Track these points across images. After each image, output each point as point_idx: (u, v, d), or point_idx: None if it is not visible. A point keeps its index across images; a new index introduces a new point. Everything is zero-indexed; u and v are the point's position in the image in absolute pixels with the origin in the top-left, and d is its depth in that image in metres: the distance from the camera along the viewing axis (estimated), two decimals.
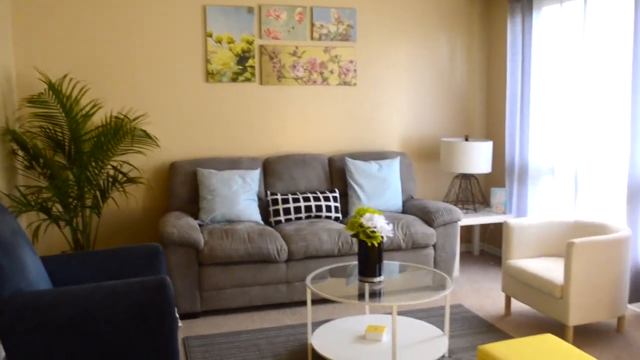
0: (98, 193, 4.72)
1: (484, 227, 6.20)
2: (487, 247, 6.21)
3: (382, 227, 3.55)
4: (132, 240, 5.18)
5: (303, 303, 4.70)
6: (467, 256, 6.06)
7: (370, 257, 3.62)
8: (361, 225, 3.57)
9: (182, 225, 4.38)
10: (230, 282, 4.41)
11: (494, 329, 4.17)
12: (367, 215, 3.58)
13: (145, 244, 3.73)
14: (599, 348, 3.88)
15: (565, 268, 3.83)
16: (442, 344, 3.65)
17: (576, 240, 3.78)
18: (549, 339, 2.99)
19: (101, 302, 2.91)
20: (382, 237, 3.56)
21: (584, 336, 4.07)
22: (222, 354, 3.81)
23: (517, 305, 4.66)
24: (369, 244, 3.57)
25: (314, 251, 4.54)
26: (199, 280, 4.36)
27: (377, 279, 3.64)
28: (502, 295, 4.87)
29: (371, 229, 3.53)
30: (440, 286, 3.64)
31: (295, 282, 4.57)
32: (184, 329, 4.22)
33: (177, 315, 3.22)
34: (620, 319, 4.11)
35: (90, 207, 4.70)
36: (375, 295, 3.55)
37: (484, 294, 4.93)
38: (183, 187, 4.97)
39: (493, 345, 2.90)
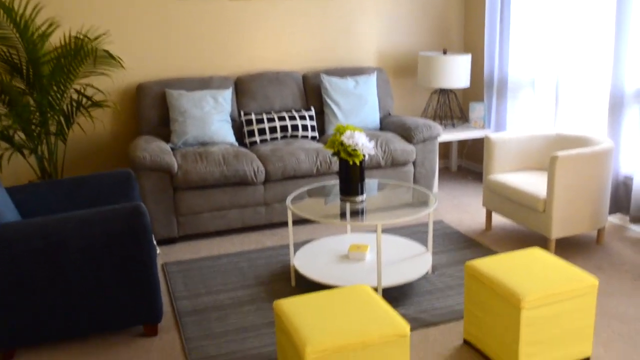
0: (62, 119, 4.49)
1: (462, 143, 6.13)
2: (465, 163, 6.16)
3: (364, 144, 3.42)
4: (101, 167, 4.99)
5: (282, 224, 4.63)
6: (445, 172, 6.01)
7: (351, 176, 3.51)
8: (342, 144, 3.43)
9: (153, 149, 4.19)
10: (207, 205, 4.29)
11: (476, 244, 4.16)
12: (348, 132, 3.44)
13: (116, 170, 3.57)
14: (580, 259, 3.90)
15: (548, 181, 3.78)
16: (426, 260, 3.62)
17: (559, 154, 3.72)
18: (536, 252, 2.96)
19: (74, 232, 2.77)
20: (363, 155, 3.44)
21: (565, 248, 4.08)
22: (203, 278, 3.73)
23: (497, 219, 4.65)
24: (350, 163, 3.45)
25: (292, 172, 4.42)
26: (174, 205, 4.23)
27: (359, 198, 3.55)
28: (482, 210, 4.85)
29: (352, 147, 3.41)
30: (423, 203, 3.57)
31: (274, 204, 4.47)
32: (162, 255, 4.12)
33: (155, 242, 3.10)
34: (600, 231, 4.12)
35: (55, 134, 4.47)
36: (357, 214, 3.47)
37: (463, 209, 4.91)
38: (152, 109, 4.75)
39: (480, 261, 2.86)
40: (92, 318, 2.90)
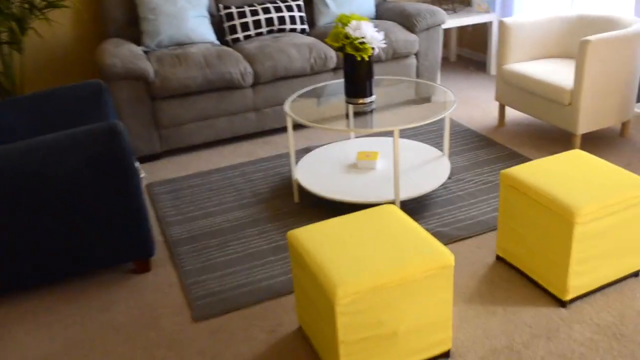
0: (14, 24, 3.87)
1: (462, 30, 5.61)
2: (464, 52, 5.67)
3: (373, 36, 2.93)
4: (67, 80, 4.41)
5: (275, 131, 4.19)
6: (444, 63, 5.53)
7: (358, 73, 3.05)
8: (347, 37, 2.94)
9: (124, 54, 3.65)
10: (191, 115, 3.81)
11: (491, 142, 3.78)
12: (353, 23, 2.94)
13: (85, 82, 3.06)
14: (607, 156, 3.55)
15: (576, 70, 3.35)
16: (444, 166, 3.24)
17: (591, 38, 3.26)
18: (578, 155, 2.58)
19: (42, 161, 2.32)
20: (372, 48, 2.96)
21: (589, 144, 3.73)
22: (195, 198, 3.32)
23: (511, 113, 4.25)
24: (358, 59, 2.97)
25: (283, 71, 3.93)
26: (154, 117, 3.74)
27: (368, 100, 3.11)
28: (493, 105, 4.44)
29: (360, 40, 2.92)
30: (437, 101, 3.14)
31: (265, 109, 4.01)
32: (146, 175, 3.69)
33: (138, 164, 2.67)
34: (625, 123, 3.76)
35: (8, 43, 3.87)
36: (367, 118, 3.03)
37: (472, 103, 4.49)
38: (118, 7, 4.13)
39: (518, 169, 2.48)
40: (75, 258, 2.51)
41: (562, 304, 2.36)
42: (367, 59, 2.98)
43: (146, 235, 2.58)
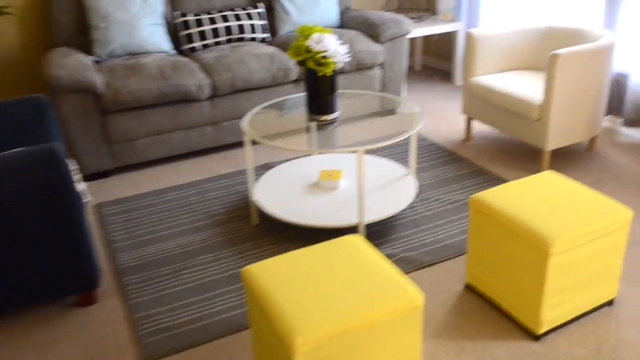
0: None
1: (427, 39, 5.50)
2: (430, 61, 5.56)
3: (336, 50, 2.77)
4: (11, 93, 4.15)
5: (234, 145, 3.99)
6: (409, 72, 5.41)
7: (321, 89, 2.88)
8: (308, 50, 2.78)
9: (71, 64, 3.42)
10: (144, 129, 3.60)
11: (458, 158, 3.66)
12: (315, 36, 2.78)
13: (25, 97, 2.82)
14: (577, 172, 3.46)
15: (546, 85, 3.24)
16: (410, 184, 3.09)
17: (561, 52, 3.16)
18: (550, 178, 2.46)
19: None
20: (335, 63, 2.80)
21: (558, 159, 3.63)
22: (147, 220, 3.11)
23: (477, 127, 4.14)
24: (320, 74, 2.81)
25: (243, 83, 3.74)
26: (104, 132, 3.52)
27: (331, 117, 2.94)
28: (458, 117, 4.32)
29: (322, 54, 2.76)
30: (402, 116, 3.00)
31: (223, 122, 3.82)
32: (95, 193, 3.46)
33: (83, 187, 2.46)
34: (593, 138, 3.68)
35: None
36: (330, 136, 2.87)
37: (437, 115, 4.36)
38: (66, 14, 3.89)
39: (489, 194, 2.35)
40: (10, 292, 2.28)
41: (535, 337, 2.23)
42: (329, 74, 2.81)
43: (90, 267, 2.37)
